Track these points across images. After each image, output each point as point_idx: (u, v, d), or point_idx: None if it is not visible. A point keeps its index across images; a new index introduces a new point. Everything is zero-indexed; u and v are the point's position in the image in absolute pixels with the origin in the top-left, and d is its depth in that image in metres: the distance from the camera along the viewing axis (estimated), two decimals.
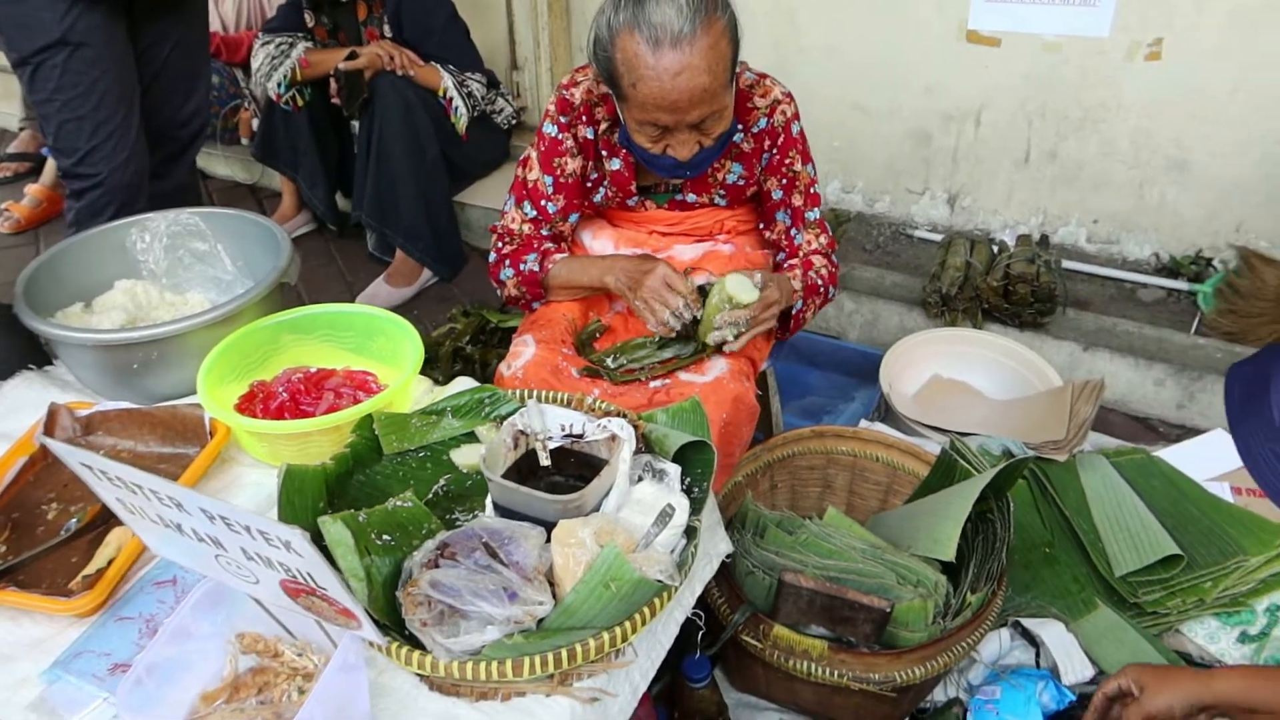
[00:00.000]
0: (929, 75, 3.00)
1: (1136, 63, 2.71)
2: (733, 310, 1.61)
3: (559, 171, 1.78)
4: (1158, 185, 2.85)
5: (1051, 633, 1.70)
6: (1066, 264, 2.88)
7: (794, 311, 1.76)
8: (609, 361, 1.74)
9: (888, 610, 1.39)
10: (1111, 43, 2.72)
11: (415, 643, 1.11)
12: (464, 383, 1.58)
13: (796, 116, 1.76)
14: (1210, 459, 2.16)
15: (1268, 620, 1.79)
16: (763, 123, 1.73)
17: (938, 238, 3.06)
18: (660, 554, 1.15)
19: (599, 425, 1.27)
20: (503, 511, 1.23)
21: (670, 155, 1.60)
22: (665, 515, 1.19)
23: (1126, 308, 2.75)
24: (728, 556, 1.45)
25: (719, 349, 1.67)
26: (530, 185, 1.81)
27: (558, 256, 1.79)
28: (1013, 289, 2.51)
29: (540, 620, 1.12)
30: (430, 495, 1.35)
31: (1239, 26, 2.52)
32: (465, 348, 2.44)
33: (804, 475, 1.90)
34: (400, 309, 3.08)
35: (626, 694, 1.21)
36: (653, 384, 1.65)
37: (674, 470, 1.27)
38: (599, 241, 1.88)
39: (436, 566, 1.12)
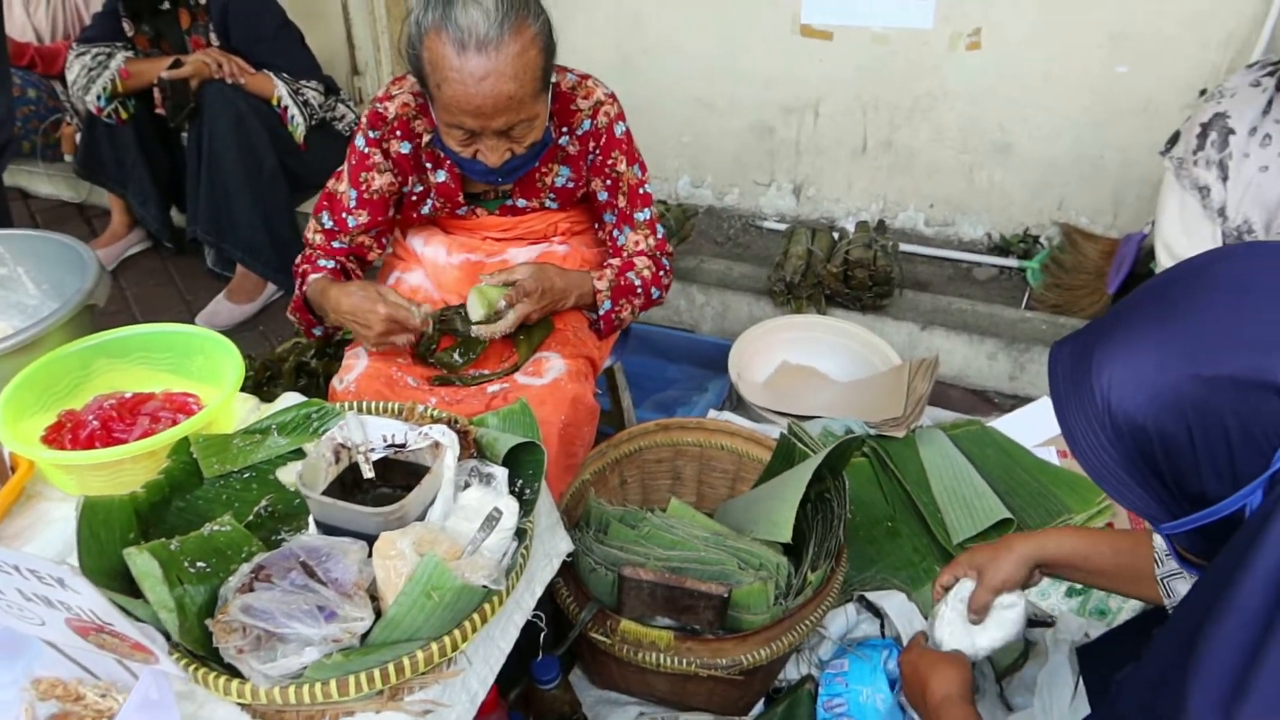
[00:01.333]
0: (767, 69, 3.07)
1: (959, 52, 2.84)
2: (484, 325, 1.64)
3: (364, 186, 1.76)
4: (986, 169, 2.99)
5: (894, 604, 1.76)
6: (907, 247, 3.00)
7: (602, 312, 1.77)
8: (456, 357, 1.73)
9: (725, 595, 1.41)
10: (935, 34, 2.84)
11: (236, 672, 1.07)
12: (291, 398, 1.53)
13: (620, 117, 1.77)
14: (1038, 426, 2.28)
15: None
16: (586, 124, 1.73)
17: (785, 227, 3.14)
18: (486, 559, 1.14)
19: (421, 433, 1.25)
20: (325, 529, 1.20)
21: (481, 161, 1.59)
22: (492, 519, 1.18)
23: (963, 286, 2.88)
24: (569, 555, 1.45)
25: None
26: (336, 198, 1.79)
27: (312, 277, 1.74)
28: (852, 274, 2.59)
29: (364, 636, 1.10)
30: (252, 517, 1.30)
31: (1046, 17, 2.67)
32: (310, 362, 2.36)
33: (653, 469, 1.91)
34: (244, 326, 2.97)
35: (464, 703, 1.19)
36: (490, 389, 1.63)
37: (501, 473, 1.26)
38: (430, 248, 1.85)
39: (251, 590, 1.08)
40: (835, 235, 2.89)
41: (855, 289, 2.59)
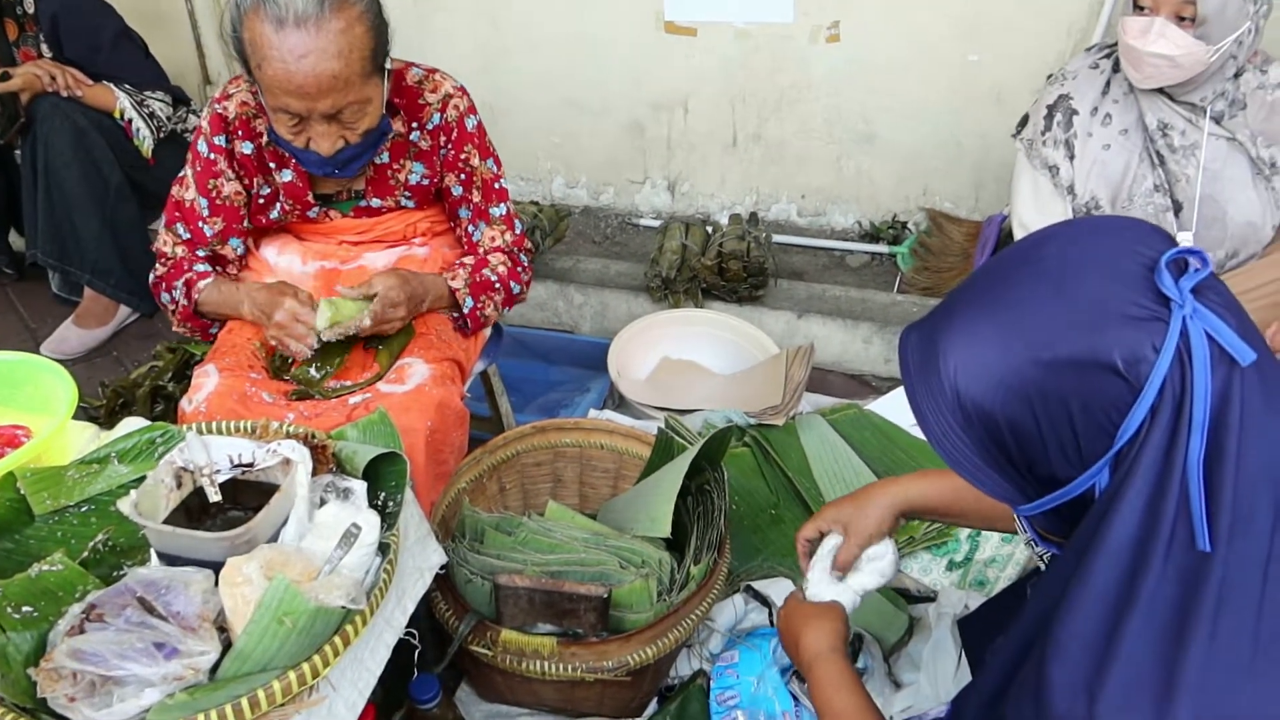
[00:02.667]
0: (635, 67, 3.06)
1: (819, 45, 2.88)
2: (340, 325, 1.60)
3: (214, 194, 1.68)
4: (853, 158, 3.05)
5: (780, 591, 1.76)
6: (781, 238, 3.04)
7: (466, 310, 1.73)
8: (313, 372, 1.66)
9: (605, 596, 1.38)
10: (796, 28, 2.88)
11: None
12: (132, 423, 1.44)
13: (471, 110, 1.73)
14: None
15: (970, 546, 1.94)
16: (436, 118, 1.69)
17: (661, 224, 3.13)
18: (343, 578, 1.08)
19: (269, 450, 1.18)
20: (168, 560, 1.12)
21: (313, 150, 1.53)
22: (350, 535, 1.13)
23: (837, 274, 2.93)
24: (443, 568, 1.40)
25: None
26: (186, 206, 1.70)
27: (202, 284, 1.70)
28: (726, 266, 2.60)
29: (214, 672, 1.02)
30: (88, 553, 1.20)
31: (899, 8, 2.73)
32: (166, 386, 2.23)
33: (532, 473, 1.87)
34: (97, 352, 2.80)
35: None
36: (352, 400, 1.56)
37: (360, 487, 1.20)
38: (284, 257, 1.77)
39: (82, 632, 1.00)
40: (709, 229, 2.90)
41: (730, 281, 2.60)
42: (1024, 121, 2.31)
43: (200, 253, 1.72)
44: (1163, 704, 0.74)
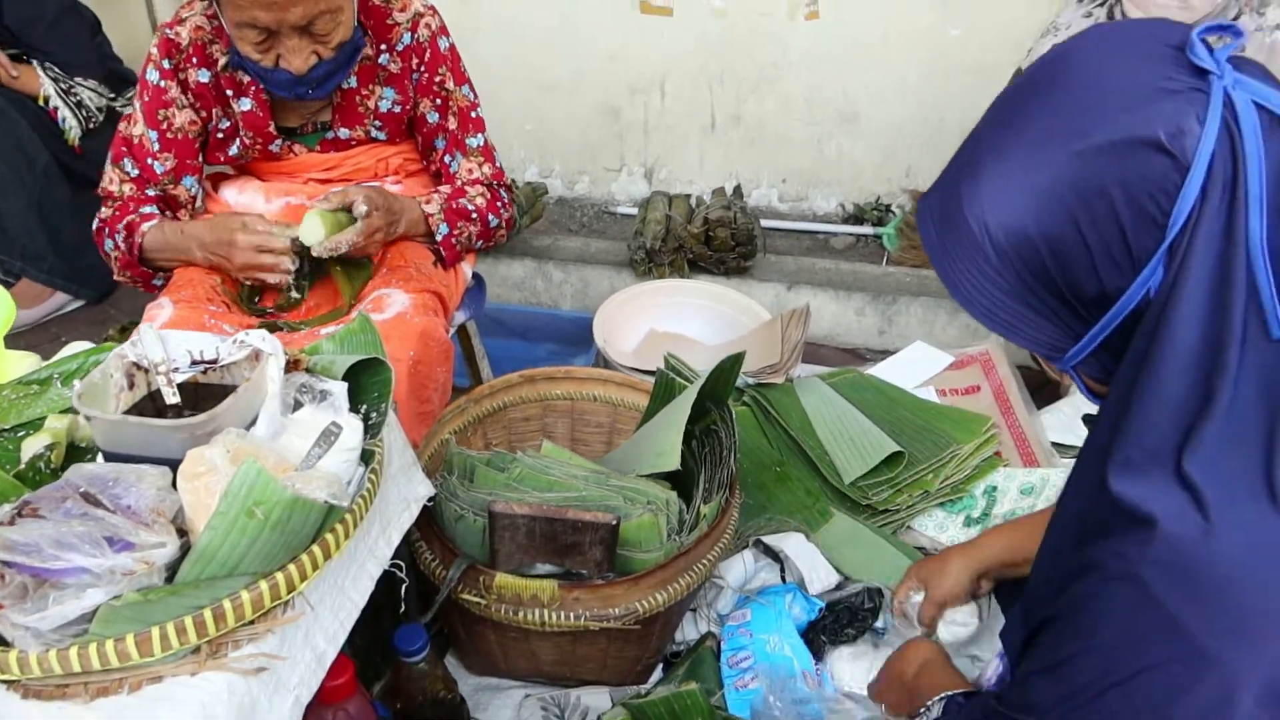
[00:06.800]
0: (610, 47, 2.98)
1: (799, 22, 2.82)
2: (320, 245, 1.47)
3: (165, 125, 1.55)
4: (834, 139, 2.98)
5: (792, 545, 1.63)
6: (763, 222, 2.94)
7: (440, 237, 1.60)
8: (294, 295, 1.53)
9: (614, 524, 1.24)
10: (774, 5, 2.81)
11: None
12: (77, 346, 1.29)
13: (444, 31, 1.62)
14: (913, 369, 2.23)
15: (986, 502, 1.83)
16: (406, 38, 1.57)
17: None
18: (325, 473, 0.94)
19: (236, 342, 1.04)
20: (117, 460, 0.97)
21: (284, 68, 1.40)
22: (330, 434, 0.98)
23: (823, 256, 2.84)
24: (430, 500, 1.25)
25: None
26: (134, 141, 1.56)
27: (146, 227, 1.54)
28: (713, 234, 2.49)
29: (171, 574, 0.87)
30: (25, 466, 1.04)
31: None
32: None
33: (520, 428, 1.73)
34: (39, 337, 2.61)
35: (308, 661, 0.97)
36: (324, 331, 1.42)
37: (339, 388, 1.06)
38: (245, 196, 1.63)
39: (13, 525, 0.84)
40: (693, 202, 2.81)
41: (718, 250, 2.50)
42: (1017, 75, 2.25)
43: (149, 191, 1.57)
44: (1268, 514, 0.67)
